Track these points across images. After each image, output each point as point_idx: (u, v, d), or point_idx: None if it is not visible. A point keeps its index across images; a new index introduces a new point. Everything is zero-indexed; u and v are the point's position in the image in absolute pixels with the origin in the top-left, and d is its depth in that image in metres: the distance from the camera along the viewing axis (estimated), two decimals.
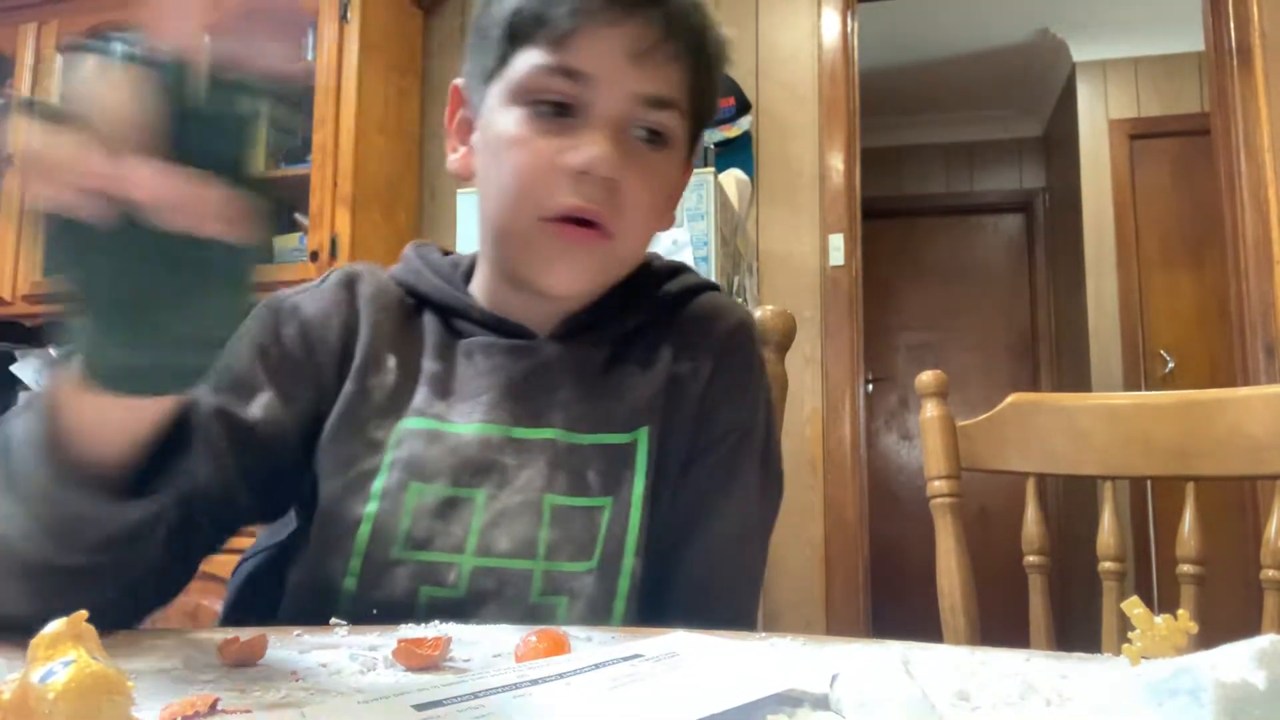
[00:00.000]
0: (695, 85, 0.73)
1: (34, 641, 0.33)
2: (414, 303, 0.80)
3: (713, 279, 2.35)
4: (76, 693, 0.30)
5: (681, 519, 0.76)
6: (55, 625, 0.33)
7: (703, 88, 0.74)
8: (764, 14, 3.01)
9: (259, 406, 0.71)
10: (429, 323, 0.78)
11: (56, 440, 0.51)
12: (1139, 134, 4.28)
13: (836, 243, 2.84)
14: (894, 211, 5.20)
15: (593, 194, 0.69)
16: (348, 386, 0.74)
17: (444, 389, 0.75)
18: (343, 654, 0.50)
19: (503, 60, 0.72)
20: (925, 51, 4.64)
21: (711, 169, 2.49)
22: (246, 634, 0.48)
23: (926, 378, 1.05)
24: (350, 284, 0.79)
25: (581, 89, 0.69)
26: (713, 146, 2.77)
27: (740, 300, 2.57)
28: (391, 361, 0.76)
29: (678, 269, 0.86)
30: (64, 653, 0.32)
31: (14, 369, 2.94)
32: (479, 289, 0.81)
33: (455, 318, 0.78)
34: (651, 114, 0.71)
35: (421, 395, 0.75)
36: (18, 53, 2.98)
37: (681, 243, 2.38)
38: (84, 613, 0.34)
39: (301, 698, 0.41)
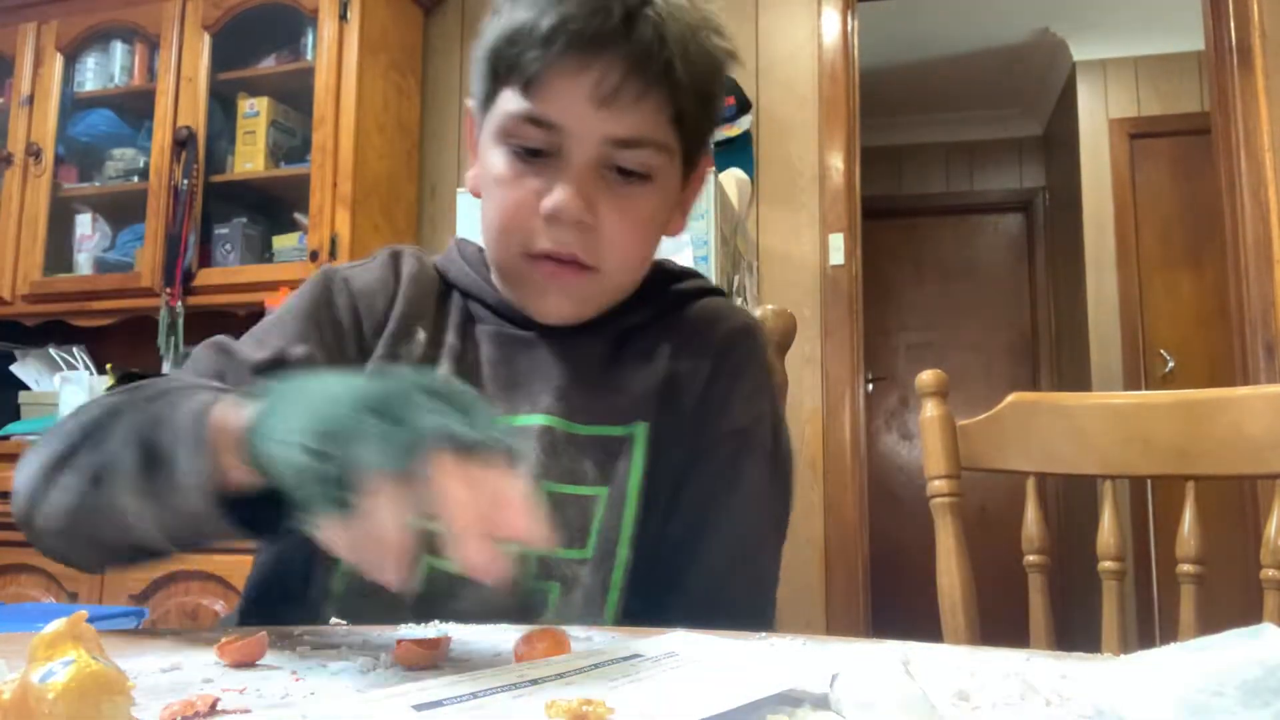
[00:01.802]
0: (678, 113, 0.73)
1: (34, 641, 0.33)
2: (445, 287, 0.84)
3: (712, 278, 2.36)
4: (76, 693, 0.30)
5: (686, 525, 0.77)
6: (55, 625, 0.33)
7: (686, 112, 0.74)
8: (764, 14, 3.01)
9: (300, 350, 0.75)
10: (455, 305, 0.83)
11: (214, 478, 0.52)
12: (1139, 133, 4.27)
13: (836, 242, 2.84)
14: (894, 211, 5.20)
15: (564, 237, 0.72)
16: (378, 351, 0.78)
17: (461, 369, 0.79)
18: (343, 654, 0.50)
19: (490, 95, 0.75)
20: (925, 51, 4.63)
21: (711, 169, 2.48)
22: (246, 634, 0.48)
23: (926, 377, 1.05)
24: (395, 261, 0.84)
25: (552, 136, 0.71)
26: (713, 146, 2.76)
27: (740, 300, 2.57)
28: (421, 335, 0.80)
29: (687, 274, 0.87)
30: (64, 653, 0.32)
31: (14, 369, 2.94)
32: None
33: (473, 301, 0.82)
34: (624, 154, 0.72)
35: (447, 370, 0.78)
36: (18, 53, 2.98)
37: (681, 242, 2.38)
38: (84, 613, 0.34)
39: (301, 698, 0.41)
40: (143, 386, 0.62)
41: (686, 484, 0.77)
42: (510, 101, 0.72)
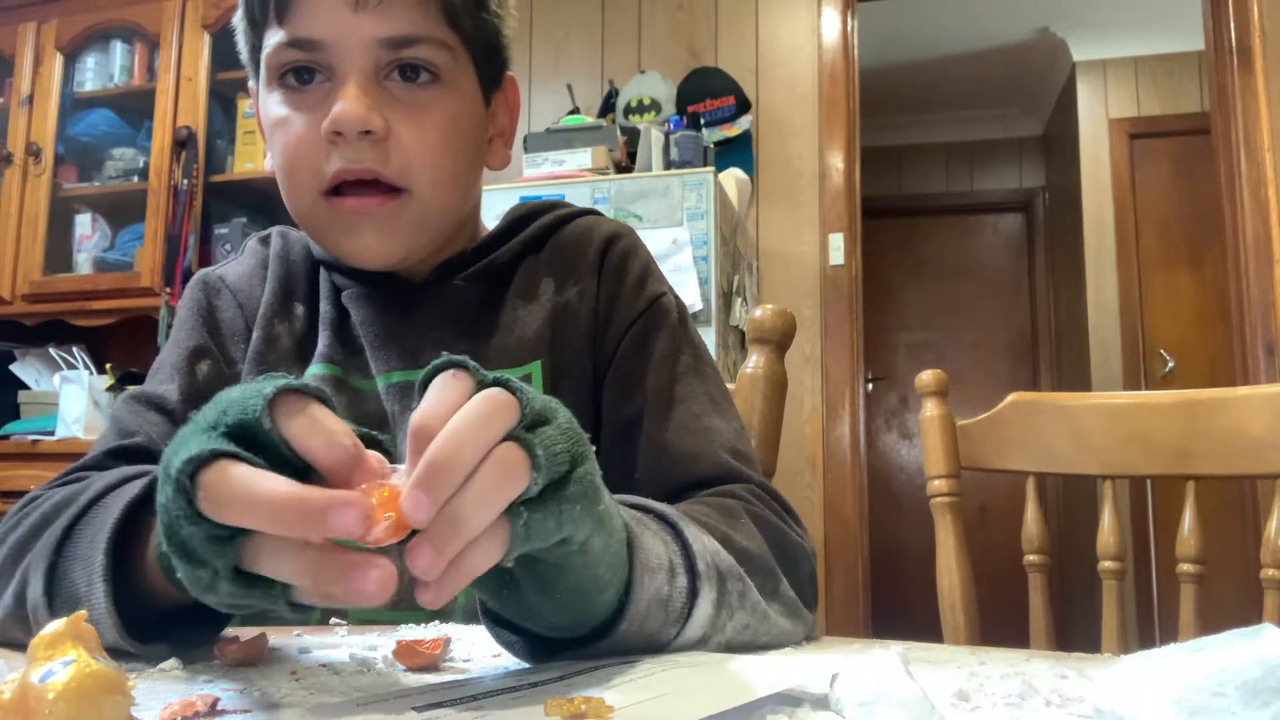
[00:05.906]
0: (448, 9, 0.70)
1: (34, 641, 0.33)
2: (315, 260, 0.81)
3: (712, 278, 2.36)
4: (76, 693, 0.30)
5: (610, 427, 0.74)
6: (55, 625, 0.33)
7: (460, 9, 0.71)
8: (764, 13, 3.01)
9: (204, 366, 0.75)
10: (324, 275, 0.80)
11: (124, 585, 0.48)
12: (1139, 133, 4.28)
13: (836, 242, 2.84)
14: (894, 211, 5.20)
15: (355, 153, 0.67)
16: (255, 334, 0.76)
17: (341, 336, 0.77)
18: (343, 654, 0.50)
19: (257, 52, 0.72)
20: (925, 51, 4.64)
21: (711, 168, 2.49)
22: (246, 634, 0.48)
23: (926, 377, 1.05)
24: (263, 244, 0.83)
25: (317, 54, 0.68)
26: (713, 146, 2.77)
27: (740, 300, 2.57)
28: (300, 310, 0.78)
29: (552, 205, 0.84)
30: (64, 653, 0.32)
31: (14, 369, 2.94)
32: None
33: (333, 271, 0.79)
34: (401, 53, 0.68)
35: (325, 340, 0.76)
36: (18, 53, 2.98)
37: (681, 242, 2.38)
38: (83, 613, 0.34)
39: (301, 698, 0.41)
40: (61, 497, 0.57)
41: (606, 388, 0.76)
42: (272, 37, 0.69)
